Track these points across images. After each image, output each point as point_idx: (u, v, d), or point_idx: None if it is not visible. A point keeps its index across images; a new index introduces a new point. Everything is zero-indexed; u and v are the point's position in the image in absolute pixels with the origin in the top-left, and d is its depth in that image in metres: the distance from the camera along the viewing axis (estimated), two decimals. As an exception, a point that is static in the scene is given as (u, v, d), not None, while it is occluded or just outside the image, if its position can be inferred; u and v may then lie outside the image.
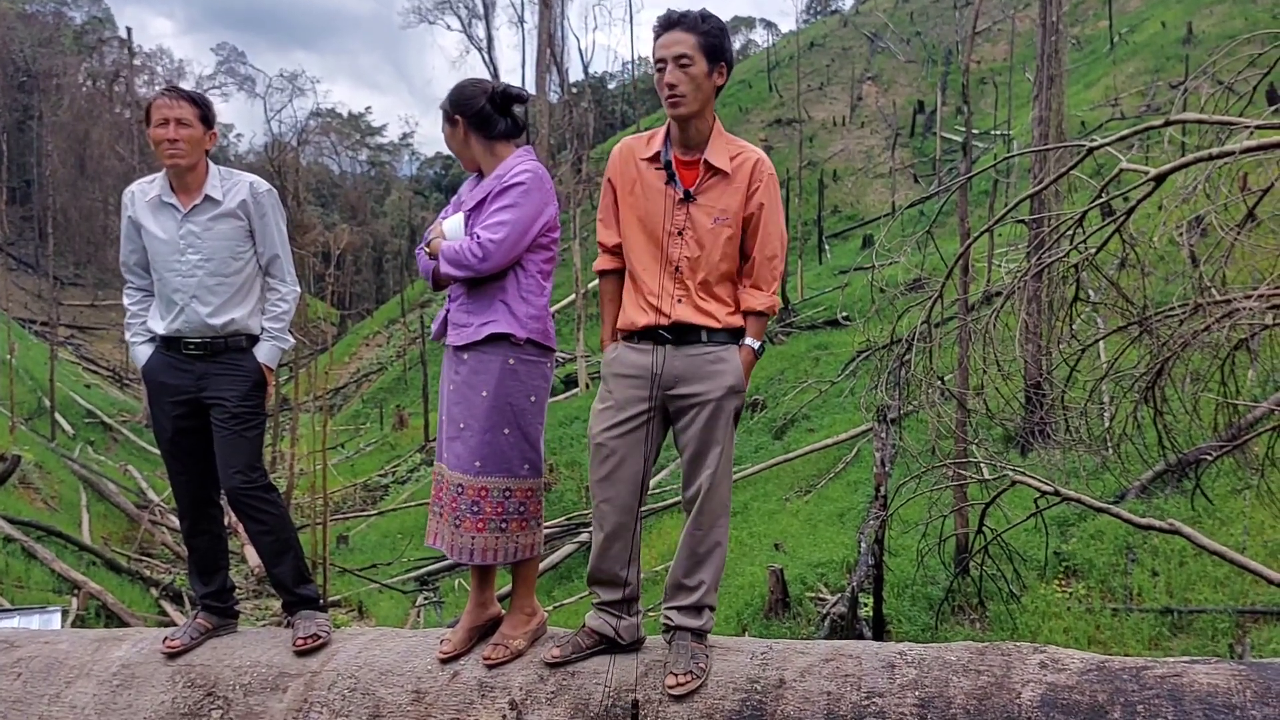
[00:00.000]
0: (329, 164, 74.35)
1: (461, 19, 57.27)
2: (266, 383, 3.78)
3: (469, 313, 3.35)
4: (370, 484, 25.14)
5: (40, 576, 12.95)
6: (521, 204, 3.29)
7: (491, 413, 3.30)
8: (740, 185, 3.18)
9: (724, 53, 3.17)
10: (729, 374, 3.18)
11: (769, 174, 3.22)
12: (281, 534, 3.77)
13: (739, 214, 3.19)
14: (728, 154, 3.20)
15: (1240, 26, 28.90)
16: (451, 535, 3.35)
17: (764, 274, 3.25)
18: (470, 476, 3.31)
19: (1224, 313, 5.43)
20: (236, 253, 3.74)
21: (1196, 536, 6.45)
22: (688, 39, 3.12)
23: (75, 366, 37.78)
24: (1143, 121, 10.30)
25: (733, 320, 3.24)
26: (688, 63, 3.11)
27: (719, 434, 3.18)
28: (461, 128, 3.43)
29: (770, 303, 3.26)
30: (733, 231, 3.19)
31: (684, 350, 3.20)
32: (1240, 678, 2.71)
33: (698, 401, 3.18)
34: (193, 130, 3.67)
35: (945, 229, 23.12)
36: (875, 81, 51.72)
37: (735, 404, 3.22)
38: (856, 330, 16.34)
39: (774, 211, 3.22)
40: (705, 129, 3.21)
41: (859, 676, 2.94)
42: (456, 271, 3.29)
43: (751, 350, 3.26)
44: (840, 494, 14.01)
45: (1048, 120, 13.58)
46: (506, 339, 3.30)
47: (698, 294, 3.21)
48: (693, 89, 3.12)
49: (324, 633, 3.54)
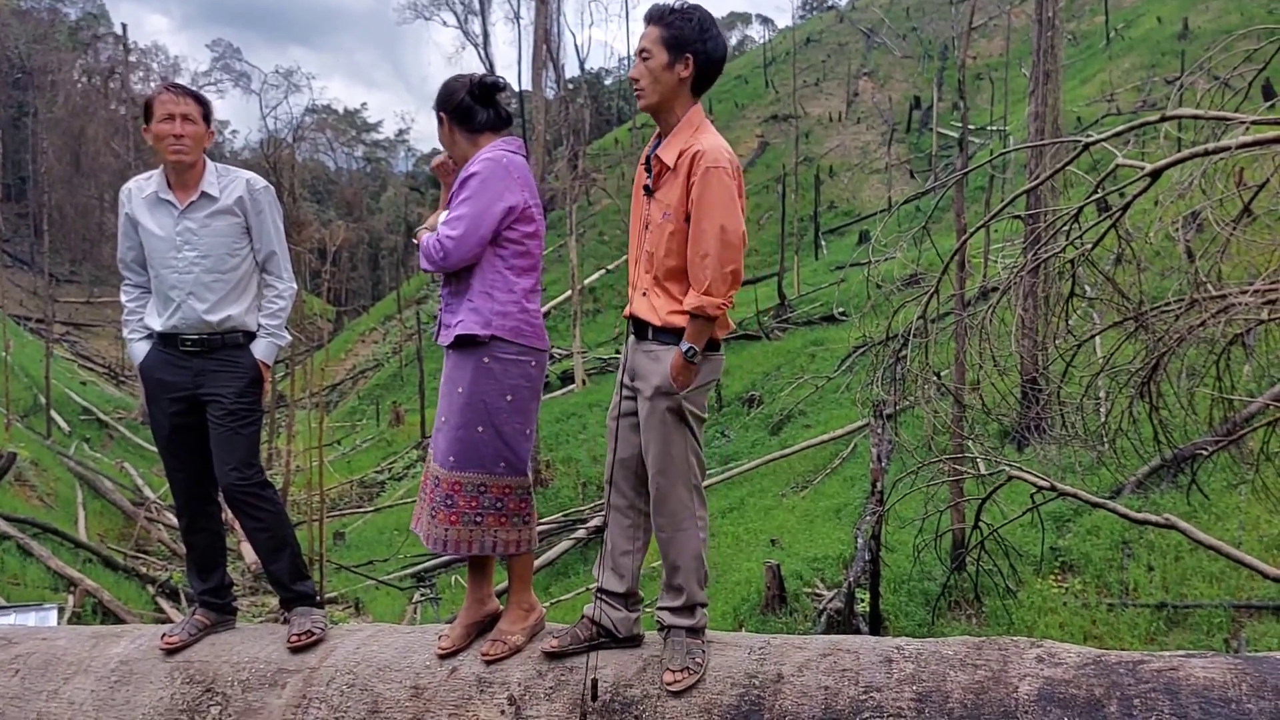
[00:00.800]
0: (325, 160, 74.34)
1: (457, 15, 57.10)
2: (263, 380, 3.77)
3: (450, 312, 3.40)
4: (367, 480, 25.12)
5: (36, 574, 12.93)
6: (477, 194, 3.28)
7: (465, 409, 3.32)
8: (681, 179, 3.14)
9: (689, 44, 3.13)
10: (656, 374, 3.16)
11: (706, 167, 3.06)
12: (278, 531, 3.77)
13: (680, 209, 3.14)
14: (679, 148, 3.16)
15: (1236, 21, 28.91)
16: (428, 525, 3.39)
17: (695, 273, 3.10)
18: (445, 470, 3.34)
19: (1220, 308, 5.43)
20: (233, 249, 3.74)
21: (1192, 531, 6.46)
22: (651, 32, 3.15)
23: (71, 363, 37.72)
24: (1139, 117, 10.31)
25: (672, 319, 3.16)
26: (647, 56, 3.15)
27: (656, 433, 3.16)
28: (446, 124, 3.46)
29: (698, 303, 3.07)
30: (674, 227, 3.15)
31: (640, 344, 3.25)
32: (1236, 671, 2.72)
33: (641, 397, 3.21)
34: (197, 127, 3.67)
35: (941, 224, 23.13)
36: (871, 77, 51.71)
37: (665, 404, 3.14)
38: (852, 326, 16.33)
39: (709, 207, 3.06)
40: (672, 122, 3.21)
41: (857, 671, 2.95)
42: (426, 265, 3.34)
43: (680, 353, 3.11)
44: (837, 489, 14.02)
45: (1044, 116, 13.58)
46: (473, 338, 3.31)
47: (653, 289, 3.23)
48: (650, 82, 3.15)
49: (318, 629, 3.55)
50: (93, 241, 52.45)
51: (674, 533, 3.20)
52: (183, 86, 3.73)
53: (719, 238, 3.06)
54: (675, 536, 3.20)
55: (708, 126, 3.22)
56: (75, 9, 62.40)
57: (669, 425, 3.15)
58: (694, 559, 3.22)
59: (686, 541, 3.20)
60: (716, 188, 3.06)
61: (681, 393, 3.13)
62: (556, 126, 36.70)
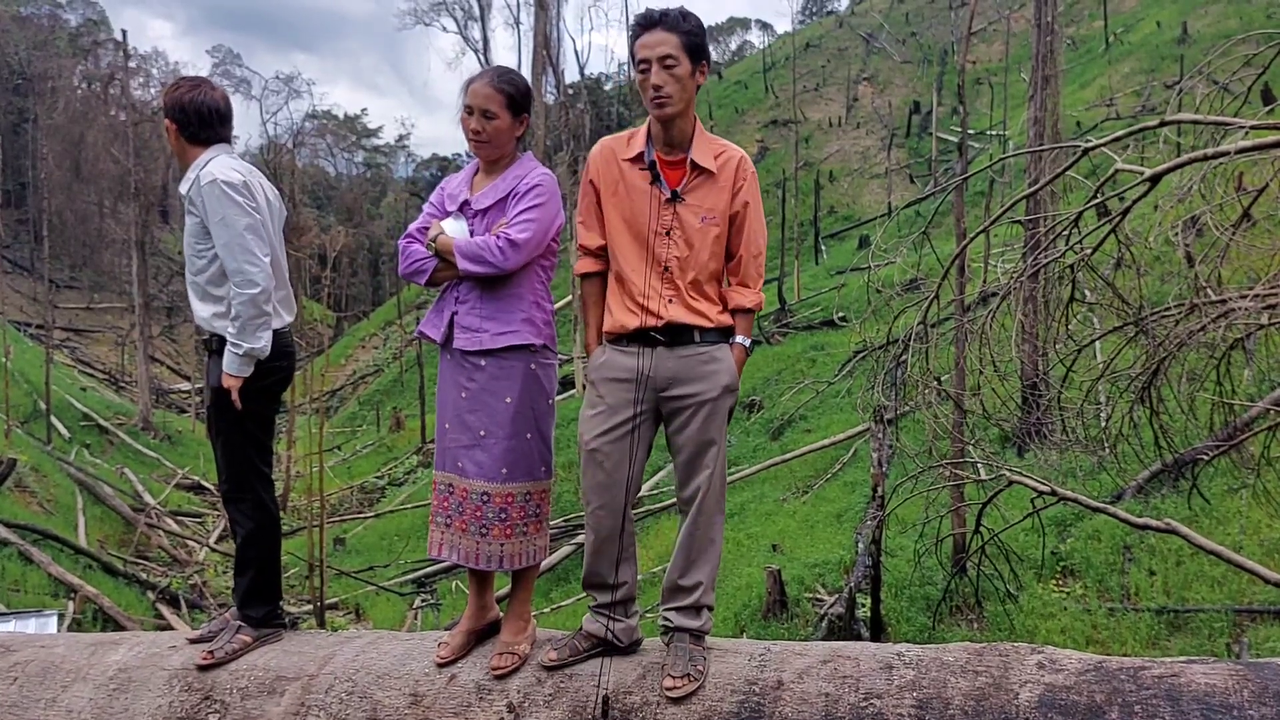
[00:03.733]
0: (325, 166, 74.36)
1: (457, 20, 57.29)
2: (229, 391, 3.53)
3: (484, 318, 3.32)
4: (367, 486, 25.13)
5: (36, 580, 12.93)
6: (546, 205, 3.32)
7: (516, 418, 3.30)
8: (725, 184, 3.19)
9: (705, 51, 3.18)
10: (724, 373, 3.19)
11: (752, 172, 3.26)
12: (246, 552, 3.66)
13: (725, 212, 3.21)
14: (711, 153, 3.20)
15: (1235, 26, 28.96)
16: (477, 544, 3.31)
17: (750, 271, 3.28)
18: (497, 484, 3.30)
19: (1220, 313, 5.43)
20: (197, 250, 3.59)
21: (1193, 536, 6.45)
22: (671, 39, 3.10)
23: (71, 369, 37.71)
24: (1138, 122, 10.32)
25: (723, 319, 3.25)
26: (673, 63, 3.10)
27: (716, 433, 3.19)
28: (522, 123, 3.41)
29: (758, 299, 3.28)
30: (720, 230, 3.21)
31: (677, 351, 3.19)
32: (1237, 677, 2.71)
33: (694, 402, 3.17)
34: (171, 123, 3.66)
35: (941, 229, 23.16)
36: (871, 82, 51.79)
37: (730, 402, 3.23)
38: (853, 331, 16.34)
39: (758, 210, 3.27)
40: (688, 128, 3.20)
41: (857, 678, 2.94)
42: (476, 268, 3.26)
43: (743, 348, 3.28)
44: (838, 494, 14.01)
45: (1043, 120, 13.59)
46: (528, 346, 3.31)
47: (689, 294, 3.20)
48: (679, 90, 3.12)
49: (222, 653, 3.46)
50: (92, 247, 52.49)
51: (707, 530, 3.22)
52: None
53: (765, 237, 3.33)
54: (708, 533, 3.22)
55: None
56: (75, 15, 62.52)
57: (725, 423, 3.23)
58: (715, 558, 3.26)
59: (715, 539, 3.25)
60: (758, 192, 3.29)
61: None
62: (556, 132, 36.72)
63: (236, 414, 3.57)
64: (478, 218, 3.38)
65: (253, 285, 3.48)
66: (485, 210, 3.37)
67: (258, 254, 3.51)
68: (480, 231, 3.35)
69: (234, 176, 3.53)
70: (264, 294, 3.50)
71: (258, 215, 3.56)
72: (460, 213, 3.41)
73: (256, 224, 3.54)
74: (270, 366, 3.61)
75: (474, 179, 3.49)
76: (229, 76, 66.31)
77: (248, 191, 3.55)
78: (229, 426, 3.61)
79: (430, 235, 3.37)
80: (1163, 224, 5.77)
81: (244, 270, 3.48)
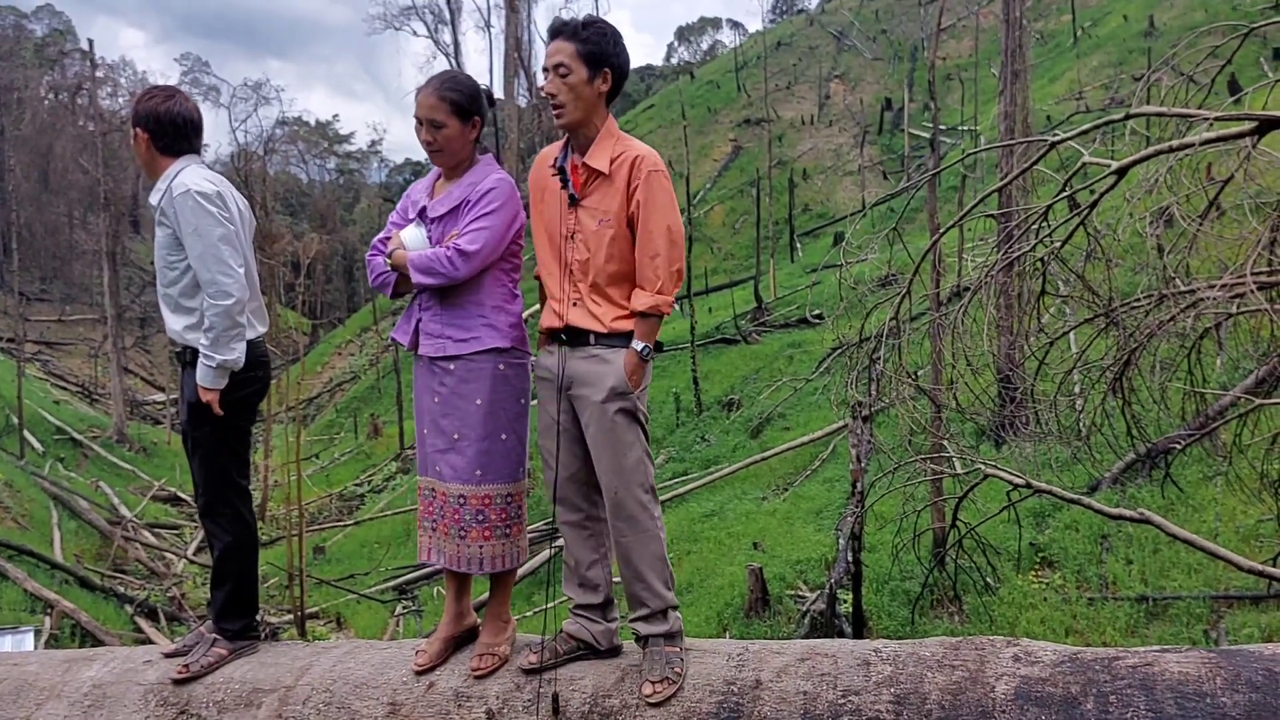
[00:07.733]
0: (297, 173, 73.94)
1: (427, 24, 56.99)
2: (206, 404, 3.50)
3: (444, 324, 3.33)
4: (346, 494, 24.99)
5: (12, 596, 12.79)
6: (497, 212, 3.29)
7: (487, 420, 3.30)
8: (620, 185, 3.18)
9: (607, 58, 3.17)
10: (610, 376, 3.17)
11: (649, 170, 3.16)
12: (223, 565, 3.64)
13: (621, 214, 3.18)
14: (609, 155, 3.19)
15: (1201, 18, 29.26)
16: (457, 547, 3.32)
17: (646, 273, 3.18)
18: (473, 486, 3.30)
19: (1189, 302, 5.48)
20: (169, 261, 3.56)
21: (1166, 525, 6.50)
22: (567, 47, 3.15)
23: (43, 383, 37.33)
24: (1107, 114, 10.39)
25: (619, 325, 3.21)
26: (565, 71, 3.14)
27: (609, 438, 3.17)
28: (474, 127, 3.38)
29: (654, 302, 3.17)
30: (615, 232, 3.19)
31: (577, 352, 3.24)
32: (1210, 665, 2.73)
33: (587, 404, 3.20)
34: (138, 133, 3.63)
35: (915, 225, 23.26)
36: (843, 80, 51.97)
37: (620, 405, 3.17)
38: (828, 328, 16.38)
39: (655, 209, 3.15)
40: (592, 133, 3.22)
41: (835, 675, 2.95)
42: (429, 280, 3.27)
43: (635, 352, 3.18)
44: (817, 491, 14.05)
45: (1013, 115, 13.67)
46: (493, 349, 3.31)
47: (589, 297, 3.23)
48: (571, 97, 3.15)
49: (198, 666, 3.46)
50: (63, 259, 51.97)
51: (636, 535, 3.19)
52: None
53: (667, 237, 3.17)
54: (638, 540, 3.20)
55: (626, 135, 3.28)
56: (41, 25, 61.94)
57: (621, 428, 3.17)
58: (657, 560, 3.22)
59: (648, 543, 3.21)
60: (659, 190, 3.16)
61: (635, 391, 3.18)
62: (529, 134, 36.67)
63: (212, 428, 3.55)
64: (435, 224, 3.38)
65: (227, 296, 3.45)
66: (440, 217, 3.37)
67: (232, 265, 3.48)
68: (437, 238, 3.35)
69: (207, 187, 3.50)
70: (238, 305, 3.47)
71: (231, 226, 3.53)
72: (420, 219, 3.41)
73: (230, 234, 3.51)
74: (245, 377, 3.58)
75: (435, 184, 3.49)
76: (197, 84, 65.83)
77: (221, 202, 3.52)
78: (205, 441, 3.59)
79: (390, 248, 3.38)
80: (1133, 215, 5.80)
81: (218, 281, 3.45)
